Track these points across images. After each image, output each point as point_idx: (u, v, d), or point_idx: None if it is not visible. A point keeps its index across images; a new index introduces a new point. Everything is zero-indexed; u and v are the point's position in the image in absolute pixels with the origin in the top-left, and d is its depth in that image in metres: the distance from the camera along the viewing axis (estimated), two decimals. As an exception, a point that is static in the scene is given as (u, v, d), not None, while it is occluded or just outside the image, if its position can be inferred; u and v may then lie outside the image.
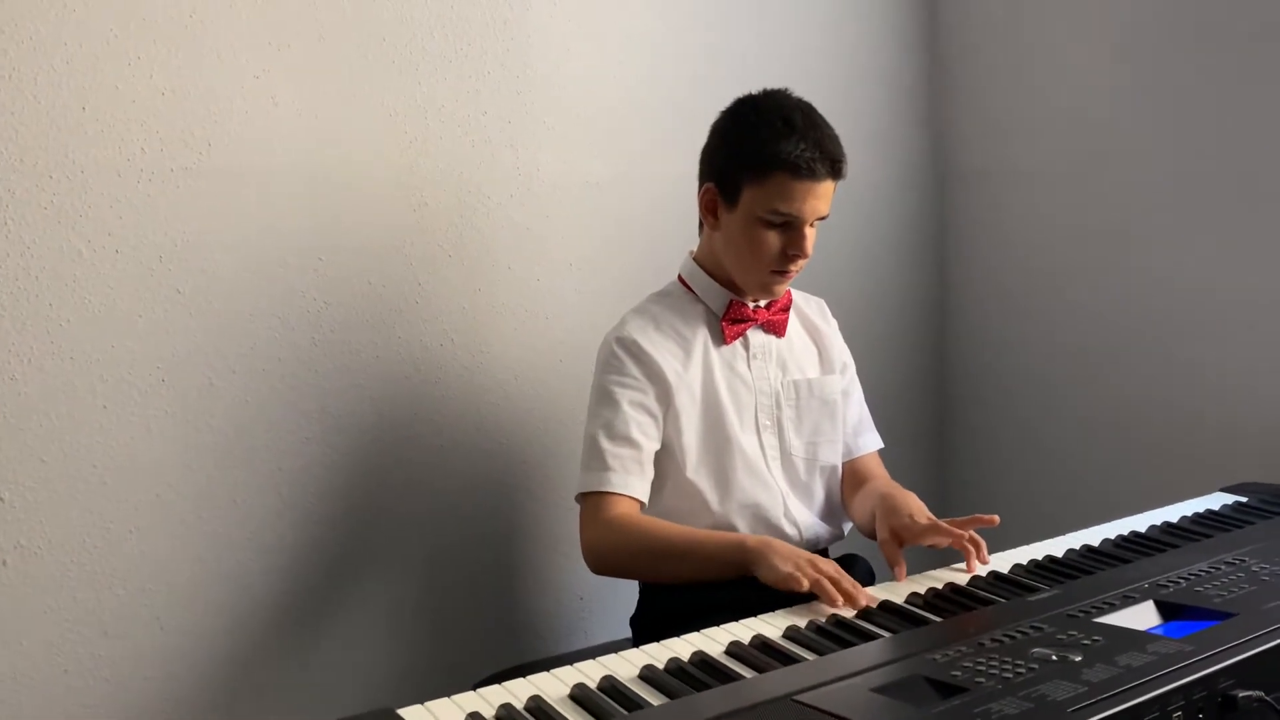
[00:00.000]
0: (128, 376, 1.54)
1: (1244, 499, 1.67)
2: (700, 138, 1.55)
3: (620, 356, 1.51)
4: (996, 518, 1.38)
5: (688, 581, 1.47)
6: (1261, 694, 0.95)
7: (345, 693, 1.73)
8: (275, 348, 1.66)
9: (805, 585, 1.25)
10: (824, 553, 1.59)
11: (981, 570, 1.35)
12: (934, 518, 1.42)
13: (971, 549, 1.36)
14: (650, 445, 1.49)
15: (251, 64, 1.62)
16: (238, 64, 1.61)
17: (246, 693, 1.65)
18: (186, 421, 1.59)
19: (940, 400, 2.58)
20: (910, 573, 1.38)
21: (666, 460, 1.52)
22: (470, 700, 1.00)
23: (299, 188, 1.67)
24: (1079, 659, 0.97)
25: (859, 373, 1.71)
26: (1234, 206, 2.02)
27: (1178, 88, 2.08)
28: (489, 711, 0.97)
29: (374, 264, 1.75)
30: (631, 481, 1.46)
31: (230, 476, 1.62)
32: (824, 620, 1.20)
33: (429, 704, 0.99)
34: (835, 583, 1.25)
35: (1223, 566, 1.26)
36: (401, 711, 0.96)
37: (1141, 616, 1.12)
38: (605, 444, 1.47)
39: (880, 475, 1.65)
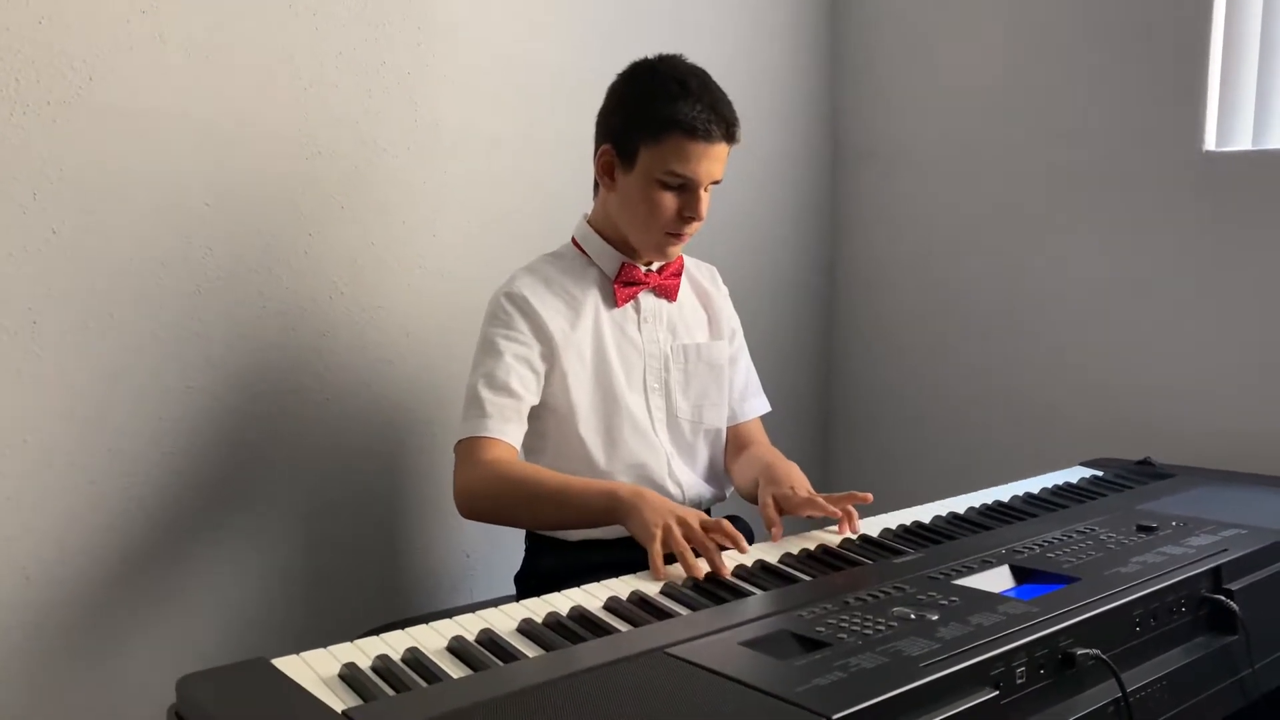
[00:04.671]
0: (-4, 317, 1.48)
1: (1100, 473, 1.78)
2: (598, 99, 1.56)
3: (508, 310, 1.52)
4: (870, 496, 1.43)
5: (559, 528, 1.49)
6: (1098, 652, 1.02)
7: (222, 647, 1.71)
8: (157, 293, 1.61)
9: (661, 573, 1.23)
10: (707, 514, 1.63)
11: (853, 534, 1.41)
12: (813, 491, 1.47)
13: (844, 518, 1.41)
14: (529, 398, 1.50)
15: (138, -3, 1.56)
16: (123, -4, 1.54)
17: (118, 645, 1.62)
18: (60, 366, 1.53)
19: (824, 371, 2.65)
20: (788, 533, 1.43)
21: (552, 419, 1.53)
22: (346, 651, 1.00)
23: (186, 128, 1.62)
24: (935, 618, 1.02)
25: (747, 340, 1.75)
26: (1109, 197, 2.12)
27: (1064, 78, 2.17)
28: (365, 662, 0.98)
29: (263, 212, 1.71)
30: (509, 429, 1.47)
31: (107, 424, 1.58)
32: (700, 579, 1.23)
33: (304, 654, 0.99)
34: (701, 544, 1.26)
35: (1074, 535, 1.34)
36: (276, 661, 0.96)
37: (996, 579, 1.19)
38: (485, 392, 1.47)
39: (762, 441, 1.70)
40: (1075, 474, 1.78)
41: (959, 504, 1.57)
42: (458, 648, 1.02)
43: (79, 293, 1.54)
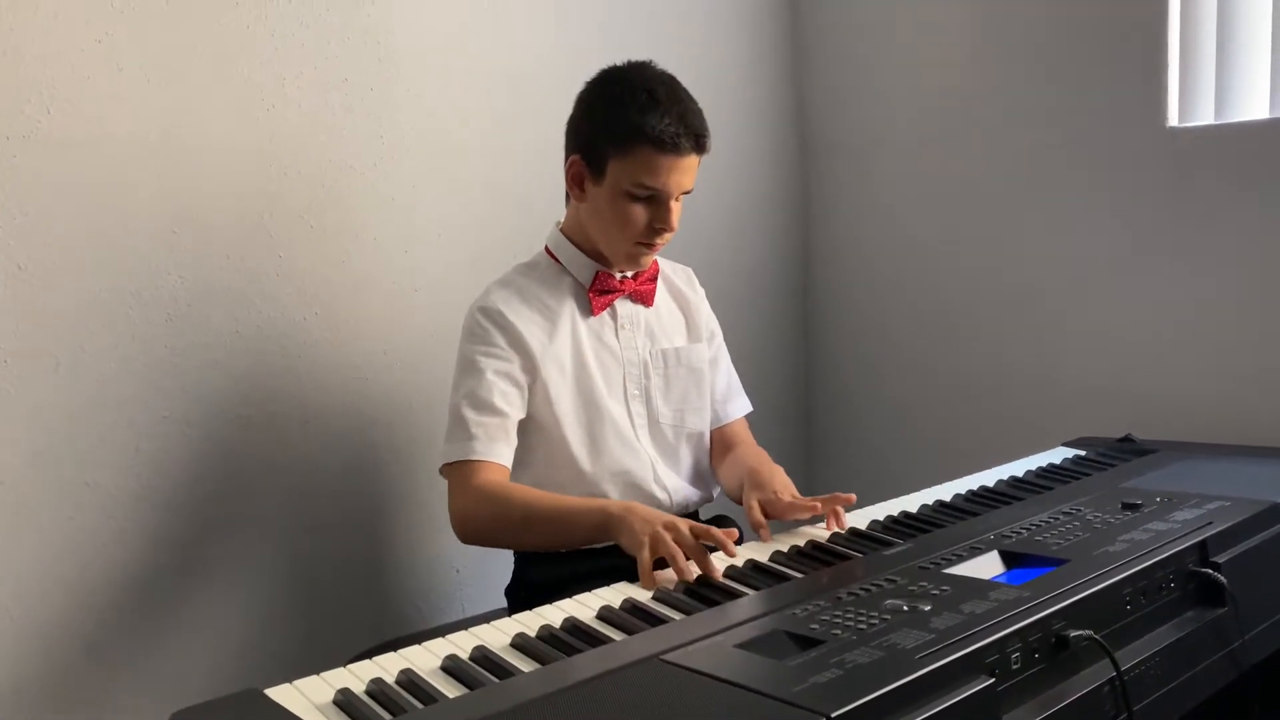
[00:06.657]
0: (-35, 357, 1.46)
1: (1082, 453, 1.79)
2: (567, 104, 1.55)
3: (484, 325, 1.51)
4: (853, 496, 1.43)
5: (555, 548, 1.48)
6: (1091, 633, 1.03)
7: (212, 679, 1.69)
8: (128, 324, 1.59)
9: (650, 581, 1.24)
10: (695, 515, 1.63)
11: (840, 530, 1.41)
12: (797, 494, 1.47)
13: (830, 518, 1.42)
14: (515, 414, 1.49)
15: (93, 26, 1.54)
16: (77, 26, 1.52)
17: (105, 682, 1.60)
18: (32, 403, 1.51)
19: (804, 365, 2.65)
20: (777, 530, 1.43)
21: (537, 431, 1.52)
22: (340, 676, 1.00)
23: (149, 156, 1.60)
24: (928, 608, 1.02)
25: (725, 340, 1.75)
26: (1076, 177, 2.13)
27: (1027, 61, 2.18)
28: (359, 687, 0.97)
29: (231, 236, 1.69)
30: (496, 448, 1.47)
31: (83, 459, 1.56)
32: (692, 581, 1.23)
33: (297, 683, 0.98)
34: (691, 549, 1.25)
35: (1061, 516, 1.35)
36: (269, 691, 0.95)
37: (986, 566, 1.19)
38: (469, 413, 1.46)
39: (747, 441, 1.70)
40: (1058, 455, 1.79)
41: (944, 492, 1.57)
42: (452, 666, 1.01)
43: (48, 328, 1.52)
